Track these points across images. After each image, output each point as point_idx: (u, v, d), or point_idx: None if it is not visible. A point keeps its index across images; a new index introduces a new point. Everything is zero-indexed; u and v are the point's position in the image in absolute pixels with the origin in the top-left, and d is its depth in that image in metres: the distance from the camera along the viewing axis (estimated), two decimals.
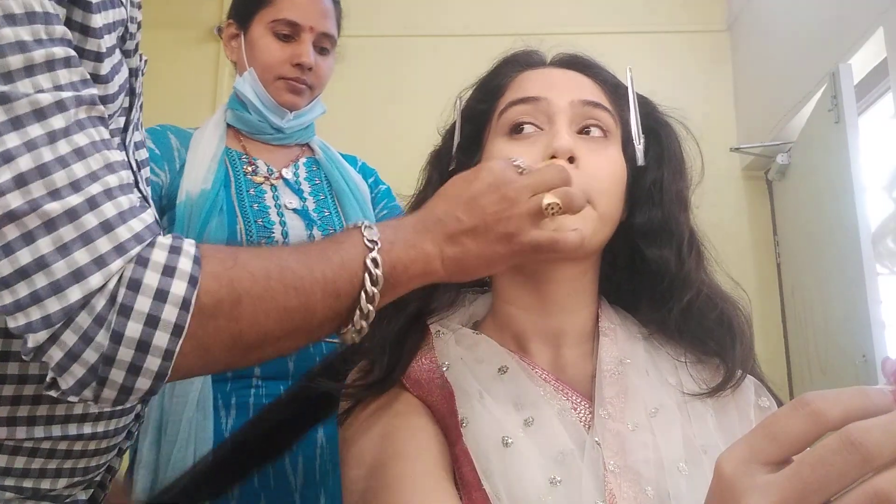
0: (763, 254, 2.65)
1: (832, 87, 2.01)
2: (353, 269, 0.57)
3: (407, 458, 0.61)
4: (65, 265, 0.48)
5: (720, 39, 2.86)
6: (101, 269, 0.49)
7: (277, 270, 0.55)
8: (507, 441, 0.61)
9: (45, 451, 0.60)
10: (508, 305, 0.74)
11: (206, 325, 0.51)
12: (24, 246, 0.47)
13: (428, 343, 0.71)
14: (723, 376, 0.68)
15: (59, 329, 0.48)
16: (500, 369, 0.67)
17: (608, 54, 0.81)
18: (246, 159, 1.21)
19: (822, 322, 2.14)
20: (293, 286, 0.55)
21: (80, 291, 0.48)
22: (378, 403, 0.68)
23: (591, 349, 0.72)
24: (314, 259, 0.57)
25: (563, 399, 0.66)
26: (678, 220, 0.74)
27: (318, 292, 0.56)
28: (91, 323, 0.48)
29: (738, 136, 2.74)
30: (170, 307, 0.50)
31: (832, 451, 0.33)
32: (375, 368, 0.69)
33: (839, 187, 1.94)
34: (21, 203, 0.47)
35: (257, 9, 1.22)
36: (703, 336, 0.71)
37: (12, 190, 0.47)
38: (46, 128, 0.49)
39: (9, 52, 0.48)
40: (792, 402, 0.35)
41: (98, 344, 0.49)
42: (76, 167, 0.49)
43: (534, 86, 0.74)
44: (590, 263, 0.74)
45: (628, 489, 0.60)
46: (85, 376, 0.49)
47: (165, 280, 0.50)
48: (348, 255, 0.57)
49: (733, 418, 0.67)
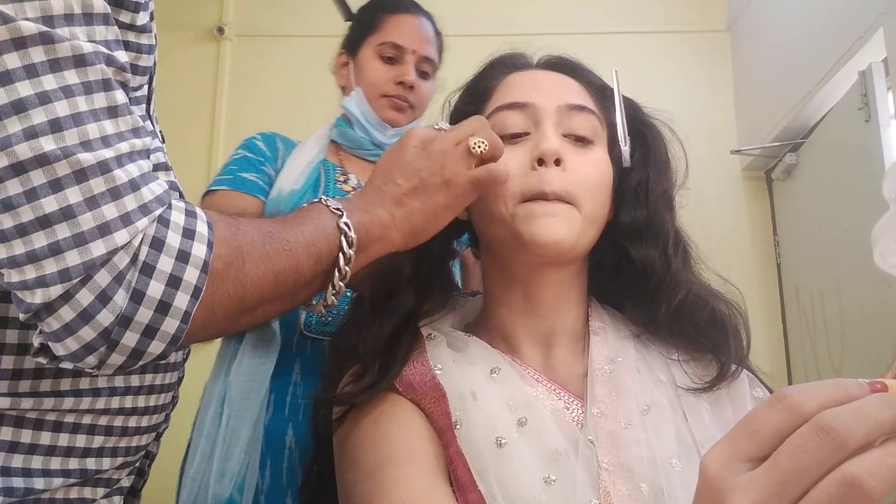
0: (763, 254, 2.64)
1: (861, 85, 1.99)
2: (329, 233, 0.59)
3: (402, 461, 0.62)
4: (92, 218, 0.46)
5: (720, 39, 2.86)
6: (127, 227, 0.47)
7: (269, 235, 0.56)
8: (500, 441, 0.61)
9: (86, 427, 0.59)
10: (499, 308, 0.74)
11: (216, 289, 0.51)
12: (50, 193, 0.45)
13: (420, 346, 0.71)
14: (717, 371, 0.69)
15: (75, 285, 0.46)
16: (493, 371, 0.68)
17: (608, 54, 0.82)
18: (340, 171, 1.28)
19: (837, 321, 2.13)
20: (283, 249, 0.56)
21: (105, 247, 0.46)
22: (371, 407, 0.68)
23: (582, 349, 0.72)
24: (293, 226, 0.59)
25: (555, 399, 0.67)
26: (664, 220, 0.74)
27: (302, 254, 0.57)
28: (111, 281, 0.47)
29: (738, 136, 2.74)
30: (191, 269, 0.49)
31: (805, 438, 0.33)
32: (368, 373, 0.69)
33: (868, 185, 1.88)
34: (54, 148, 0.45)
35: (366, 35, 1.33)
36: (696, 335, 0.72)
37: (46, 133, 0.45)
38: (83, 77, 0.48)
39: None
40: (769, 397, 0.36)
41: (115, 304, 0.47)
42: (107, 123, 0.49)
43: (521, 90, 0.75)
44: (578, 265, 0.74)
45: (623, 486, 0.60)
46: (95, 340, 0.47)
47: (186, 242, 0.49)
48: (321, 221, 0.60)
49: (728, 411, 0.68)
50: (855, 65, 2.05)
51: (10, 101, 0.45)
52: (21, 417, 0.55)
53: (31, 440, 0.56)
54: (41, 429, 0.56)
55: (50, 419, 0.57)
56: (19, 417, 0.55)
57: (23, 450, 0.56)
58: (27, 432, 0.56)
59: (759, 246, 2.66)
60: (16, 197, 0.45)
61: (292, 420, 1.09)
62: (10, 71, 0.46)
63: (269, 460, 1.06)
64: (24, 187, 0.45)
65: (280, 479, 1.06)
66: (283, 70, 2.77)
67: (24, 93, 0.46)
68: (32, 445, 0.56)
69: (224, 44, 2.85)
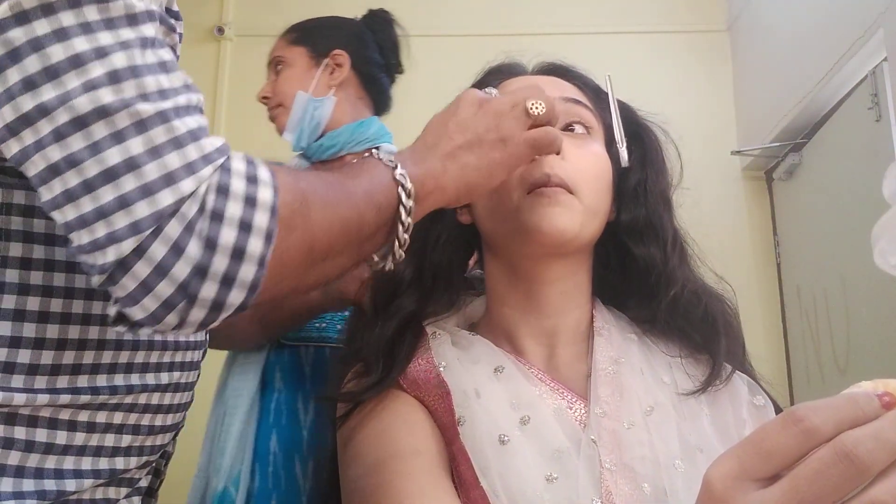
0: (763, 254, 2.64)
1: (872, 85, 1.99)
2: (386, 184, 0.57)
3: (405, 456, 0.62)
4: (156, 167, 0.46)
5: (720, 39, 2.86)
6: (191, 175, 0.46)
7: (330, 183, 0.55)
8: (503, 439, 0.62)
9: (115, 427, 0.59)
10: (503, 307, 0.74)
11: (286, 236, 0.50)
12: (113, 145, 0.45)
13: (424, 344, 0.72)
14: (710, 370, 0.69)
15: (147, 238, 0.45)
16: (497, 369, 0.68)
17: (608, 54, 0.83)
18: None
19: (843, 321, 2.13)
20: (345, 197, 0.54)
21: (172, 196, 0.45)
22: (375, 403, 0.68)
23: (586, 349, 0.72)
24: (350, 177, 0.57)
25: (558, 398, 0.67)
26: (662, 219, 0.75)
27: (363, 204, 0.55)
28: (182, 231, 0.45)
29: (738, 136, 2.74)
30: (260, 212, 0.48)
31: (827, 464, 0.33)
32: (373, 370, 0.70)
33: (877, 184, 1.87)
34: (114, 100, 0.45)
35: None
36: (690, 331, 0.72)
37: (105, 85, 0.45)
38: (138, 33, 0.48)
39: None
40: (783, 417, 0.35)
41: (189, 254, 0.45)
42: (162, 77, 0.49)
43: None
44: (581, 262, 0.75)
45: (625, 486, 0.60)
46: (173, 295, 0.46)
47: (252, 187, 0.48)
48: (377, 172, 0.58)
49: (728, 416, 0.68)
50: (855, 65, 2.05)
51: (68, 56, 0.46)
52: (54, 419, 0.55)
53: (65, 441, 0.56)
54: (74, 429, 0.56)
55: (83, 419, 0.57)
56: (52, 419, 0.55)
57: (57, 451, 0.55)
58: (61, 433, 0.56)
59: (759, 246, 2.65)
60: (79, 152, 0.45)
61: (276, 426, 1.12)
62: (67, 28, 0.46)
63: (256, 465, 1.10)
64: (86, 142, 0.45)
65: (266, 482, 1.10)
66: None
67: (81, 48, 0.46)
68: (66, 446, 0.56)
69: (224, 44, 2.85)
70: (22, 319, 0.53)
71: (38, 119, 0.45)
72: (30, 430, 0.54)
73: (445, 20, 2.89)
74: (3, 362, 0.53)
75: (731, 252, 2.50)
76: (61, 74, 0.45)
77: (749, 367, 0.75)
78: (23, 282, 0.54)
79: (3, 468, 0.53)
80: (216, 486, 1.08)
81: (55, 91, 0.45)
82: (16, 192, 0.54)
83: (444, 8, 2.90)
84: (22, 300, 0.54)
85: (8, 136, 0.47)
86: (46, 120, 0.45)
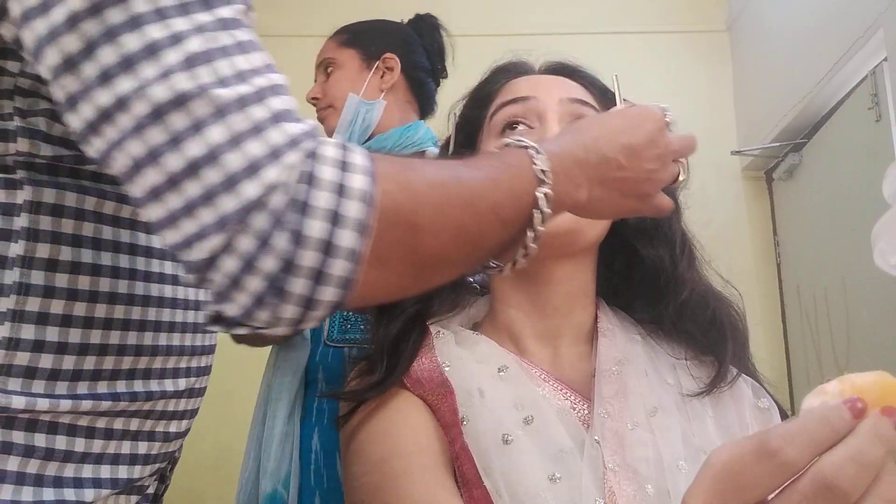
0: (763, 254, 2.65)
1: (872, 85, 2.00)
2: (524, 200, 0.52)
3: (408, 454, 0.62)
4: (239, 156, 0.42)
5: (720, 39, 2.86)
6: (276, 162, 0.43)
7: (453, 181, 0.49)
8: (507, 439, 0.62)
9: (131, 434, 0.58)
10: (507, 308, 0.74)
11: (385, 232, 0.45)
12: (193, 134, 0.42)
13: (428, 343, 0.71)
14: (716, 372, 0.69)
15: (234, 232, 0.42)
16: (500, 369, 0.68)
17: (608, 54, 0.83)
18: None
19: (843, 321, 2.13)
20: (468, 201, 0.49)
21: (257, 186, 0.42)
22: (378, 402, 0.68)
23: (590, 349, 0.72)
24: (485, 178, 0.51)
25: (562, 398, 0.67)
26: (670, 220, 0.75)
27: (488, 214, 0.50)
28: (269, 223, 0.42)
29: (738, 136, 2.74)
30: (352, 202, 0.43)
31: (808, 497, 0.33)
32: (376, 369, 0.69)
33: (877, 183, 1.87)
34: (191, 86, 0.43)
35: None
36: (697, 334, 0.72)
37: (181, 71, 0.43)
38: (214, 15, 0.46)
39: None
40: (757, 450, 0.34)
41: (277, 248, 0.42)
42: (240, 59, 0.46)
43: (522, 88, 0.76)
44: (586, 263, 0.74)
45: (628, 487, 0.60)
46: (263, 291, 0.43)
47: (343, 174, 0.44)
48: (518, 183, 0.52)
49: (732, 418, 0.68)
50: (855, 65, 2.05)
51: (143, 44, 0.43)
52: (73, 425, 0.54)
53: (83, 448, 0.54)
54: (92, 437, 0.55)
55: (101, 426, 0.56)
56: (72, 426, 0.54)
57: (75, 458, 0.54)
58: (80, 440, 0.54)
59: (759, 246, 2.66)
60: (160, 145, 0.43)
61: (318, 425, 1.15)
62: (140, 15, 0.44)
63: (300, 463, 1.13)
64: (166, 133, 0.43)
65: (309, 480, 1.12)
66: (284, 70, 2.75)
67: (156, 35, 0.44)
68: (84, 454, 0.55)
69: None
70: (45, 323, 0.52)
71: (116, 112, 0.43)
72: (49, 437, 0.53)
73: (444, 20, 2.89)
74: (25, 367, 0.52)
75: (732, 252, 2.50)
76: (137, 64, 0.43)
77: (753, 369, 0.75)
78: (48, 284, 0.53)
79: (22, 476, 0.51)
80: (265, 487, 1.10)
81: (131, 81, 0.43)
82: (45, 190, 0.53)
83: (443, 8, 2.89)
84: (46, 303, 0.52)
85: (90, 134, 0.45)
86: (125, 112, 0.43)
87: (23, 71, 0.53)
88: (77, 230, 0.54)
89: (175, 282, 0.62)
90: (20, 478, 0.51)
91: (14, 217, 0.52)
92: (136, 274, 0.58)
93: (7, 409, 0.51)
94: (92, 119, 0.44)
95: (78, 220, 0.54)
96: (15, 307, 0.52)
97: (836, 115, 2.24)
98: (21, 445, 0.51)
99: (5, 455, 0.51)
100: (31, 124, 0.53)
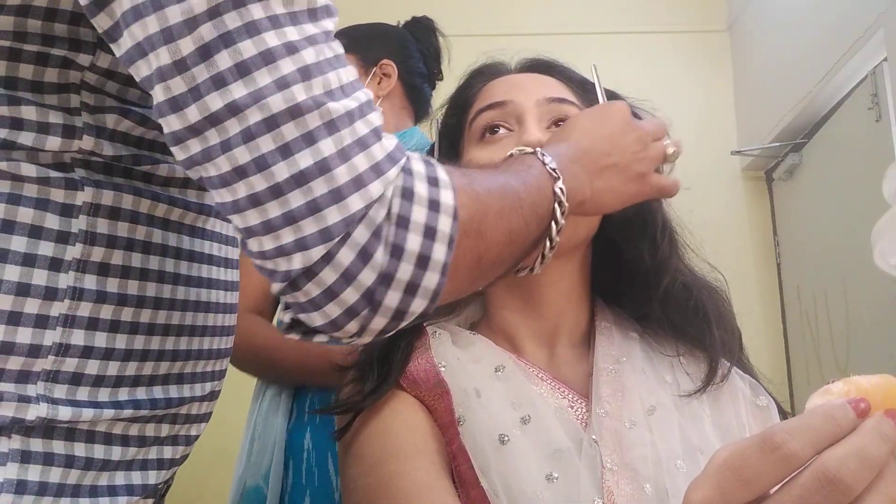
0: (763, 254, 2.64)
1: (872, 85, 2.00)
2: (548, 196, 0.55)
3: (405, 456, 0.61)
4: (347, 170, 0.43)
5: (720, 39, 2.85)
6: (379, 177, 0.44)
7: (502, 189, 0.52)
8: (504, 439, 0.61)
9: (161, 440, 0.58)
10: (501, 310, 0.74)
11: (462, 241, 0.46)
12: (305, 147, 0.42)
13: (424, 343, 0.71)
14: (707, 366, 0.69)
15: (335, 245, 0.42)
16: (497, 368, 0.68)
17: (608, 54, 0.83)
18: None
19: (843, 322, 2.13)
20: (516, 206, 0.52)
21: (361, 200, 0.43)
22: (375, 403, 0.67)
23: (587, 349, 0.72)
24: (520, 182, 0.54)
25: (559, 398, 0.67)
26: (651, 209, 0.74)
27: (529, 214, 0.53)
28: (370, 237, 0.43)
29: (738, 136, 2.74)
30: (444, 217, 0.45)
31: (810, 490, 0.33)
32: (367, 377, 0.68)
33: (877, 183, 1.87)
34: (306, 98, 0.43)
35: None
36: (683, 324, 0.72)
37: (298, 82, 0.43)
38: (320, 28, 0.46)
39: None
40: (761, 443, 0.35)
41: (376, 261, 0.43)
42: (343, 73, 0.46)
43: (499, 91, 0.75)
44: (578, 261, 0.74)
45: (626, 486, 0.60)
46: (357, 302, 0.44)
47: (434, 190, 0.46)
48: (541, 181, 0.55)
49: (730, 417, 0.67)
50: (855, 65, 2.05)
51: (260, 51, 0.43)
52: (109, 433, 0.53)
53: (118, 456, 0.54)
54: (127, 444, 0.55)
55: (134, 433, 0.55)
56: (108, 434, 0.53)
57: (110, 467, 0.53)
58: (116, 448, 0.53)
59: (759, 246, 2.65)
60: (269, 154, 0.42)
61: (310, 425, 1.15)
62: (257, 21, 0.43)
63: (291, 462, 1.13)
64: (277, 143, 0.42)
65: (300, 479, 1.12)
66: None
67: (272, 43, 0.43)
68: (119, 462, 0.54)
69: None
70: (94, 328, 0.51)
71: (227, 118, 0.43)
72: (88, 446, 0.52)
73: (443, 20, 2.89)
74: (72, 373, 0.50)
75: (731, 252, 2.50)
76: (253, 71, 0.43)
77: (747, 362, 0.75)
78: (100, 289, 0.52)
79: (62, 488, 0.50)
80: (250, 484, 1.12)
81: (247, 88, 0.43)
82: (105, 192, 0.52)
83: (441, 7, 2.89)
84: (97, 308, 0.51)
85: (189, 136, 0.44)
86: (236, 119, 0.43)
87: (93, 65, 0.51)
88: (131, 233, 0.53)
89: (210, 285, 0.62)
90: (60, 489, 0.50)
91: (72, 219, 0.50)
92: (179, 278, 0.58)
93: (53, 420, 0.49)
94: (195, 122, 0.43)
95: (132, 224, 0.53)
96: (68, 312, 0.50)
97: (836, 115, 2.24)
98: (62, 456, 0.50)
99: (47, 467, 0.49)
100: (99, 121, 0.52)
